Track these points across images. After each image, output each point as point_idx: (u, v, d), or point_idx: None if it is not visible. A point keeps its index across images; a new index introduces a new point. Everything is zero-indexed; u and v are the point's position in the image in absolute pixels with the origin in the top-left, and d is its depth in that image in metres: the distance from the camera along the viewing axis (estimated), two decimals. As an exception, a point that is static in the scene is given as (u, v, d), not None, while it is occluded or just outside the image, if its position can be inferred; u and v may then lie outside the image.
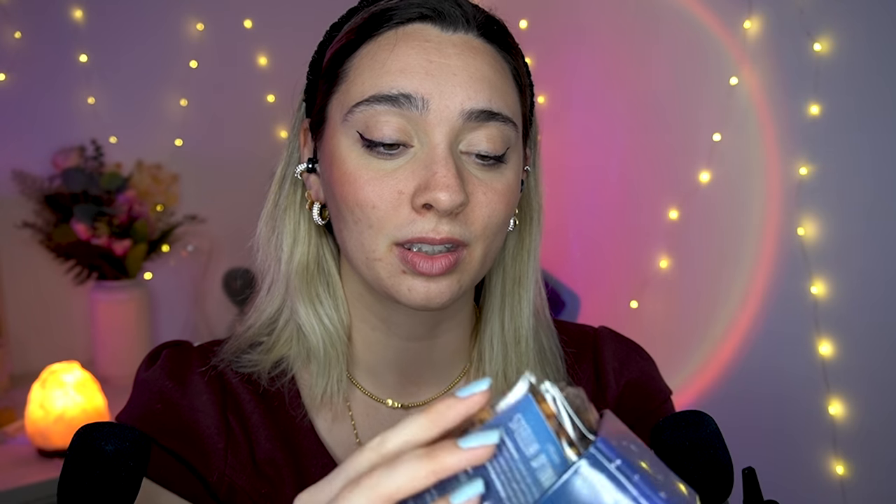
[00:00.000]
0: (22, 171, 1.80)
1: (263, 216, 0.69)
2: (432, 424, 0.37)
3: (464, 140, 0.59)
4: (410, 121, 0.58)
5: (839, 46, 1.34)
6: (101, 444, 0.51)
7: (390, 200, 0.58)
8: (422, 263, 0.57)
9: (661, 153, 1.72)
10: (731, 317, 1.57)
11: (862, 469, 1.35)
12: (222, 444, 0.65)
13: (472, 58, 0.59)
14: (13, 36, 1.84)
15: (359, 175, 0.58)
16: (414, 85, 0.57)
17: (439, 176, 0.56)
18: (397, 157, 0.58)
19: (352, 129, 0.59)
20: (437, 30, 0.60)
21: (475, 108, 0.58)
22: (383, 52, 0.59)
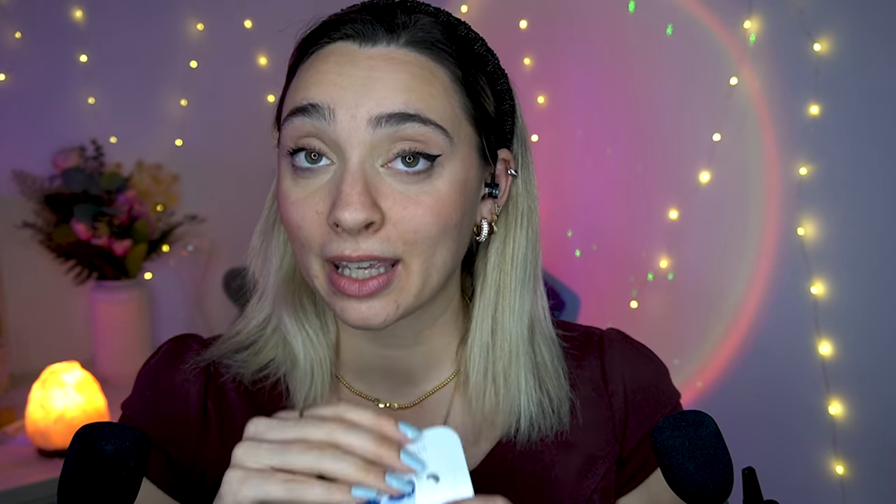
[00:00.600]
0: (22, 171, 1.80)
1: (257, 231, 0.71)
2: (380, 429, 0.47)
3: (381, 153, 0.57)
4: (325, 134, 0.57)
5: (839, 46, 1.34)
6: (101, 444, 0.51)
7: (311, 220, 0.58)
8: (348, 286, 0.58)
9: (661, 153, 1.72)
10: (730, 317, 1.57)
11: (862, 469, 1.35)
12: (196, 430, 0.68)
13: (389, 67, 0.58)
14: (13, 36, 1.85)
15: (288, 196, 0.60)
16: (321, 95, 0.57)
17: (343, 194, 0.55)
18: (319, 176, 0.59)
19: (283, 150, 0.61)
20: (356, 46, 0.59)
21: (384, 113, 0.56)
22: (305, 72, 0.60)
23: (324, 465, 0.45)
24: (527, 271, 0.67)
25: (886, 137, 1.29)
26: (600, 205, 1.90)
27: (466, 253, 0.66)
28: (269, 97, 2.22)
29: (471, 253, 0.69)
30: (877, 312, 1.32)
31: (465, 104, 0.61)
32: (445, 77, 0.60)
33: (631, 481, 0.70)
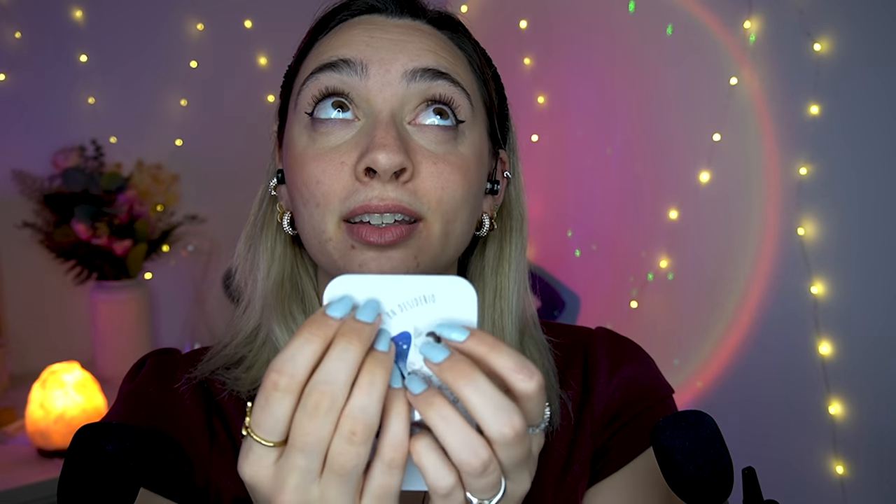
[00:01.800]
0: (22, 171, 1.80)
1: (243, 236, 0.69)
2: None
3: (410, 108, 0.58)
4: (353, 90, 0.57)
5: (839, 46, 1.34)
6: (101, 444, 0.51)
7: (333, 173, 0.57)
8: (369, 234, 0.55)
9: (661, 153, 1.72)
10: (730, 317, 1.57)
11: (862, 469, 1.35)
12: (206, 449, 0.65)
13: (418, 35, 0.59)
14: (13, 36, 1.85)
15: (305, 154, 0.58)
16: (353, 52, 0.58)
17: (377, 138, 0.55)
18: (343, 130, 0.58)
19: (300, 113, 0.59)
20: (384, 17, 0.61)
21: (418, 67, 0.57)
22: (330, 40, 0.60)
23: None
24: (519, 274, 0.68)
25: (886, 137, 1.29)
26: (600, 204, 1.90)
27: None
28: (269, 97, 2.22)
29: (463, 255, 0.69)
30: (877, 312, 1.32)
31: (481, 88, 0.62)
32: (465, 59, 0.62)
33: (610, 465, 0.69)
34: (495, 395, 0.41)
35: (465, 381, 0.41)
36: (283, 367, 0.41)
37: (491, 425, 0.40)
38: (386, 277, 0.44)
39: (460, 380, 0.41)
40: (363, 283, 0.44)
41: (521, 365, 0.42)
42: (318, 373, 0.41)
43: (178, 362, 0.69)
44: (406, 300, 0.44)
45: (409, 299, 0.44)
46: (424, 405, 0.41)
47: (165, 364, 0.69)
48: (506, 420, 0.40)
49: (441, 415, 0.41)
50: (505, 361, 0.42)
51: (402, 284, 0.44)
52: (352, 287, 0.44)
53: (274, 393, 0.40)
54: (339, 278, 0.44)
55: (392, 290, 0.44)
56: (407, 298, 0.44)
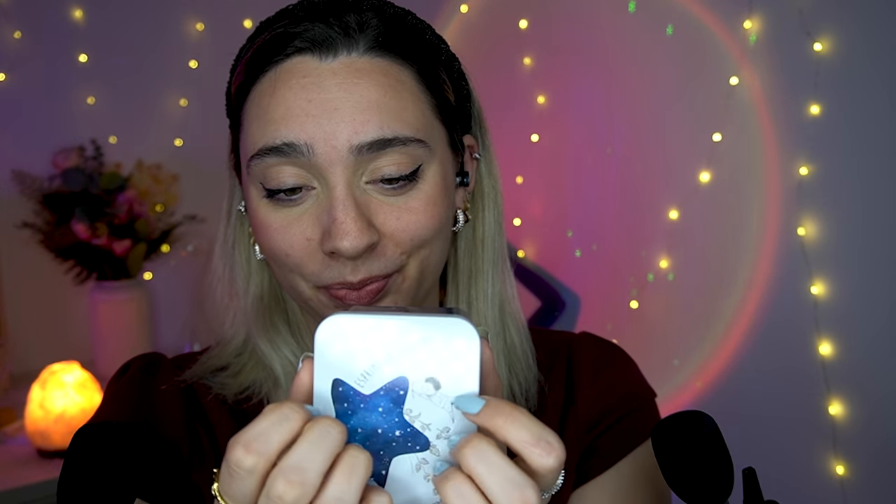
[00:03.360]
0: (22, 171, 1.80)
1: (217, 251, 0.68)
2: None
3: (365, 171, 0.56)
4: (304, 166, 0.55)
5: (839, 46, 1.34)
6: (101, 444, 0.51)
7: (301, 248, 0.56)
8: (348, 296, 0.57)
9: (661, 153, 1.72)
10: (730, 317, 1.57)
11: (862, 469, 1.35)
12: (186, 451, 0.64)
13: (356, 83, 0.55)
14: (13, 36, 1.85)
15: (268, 225, 0.57)
16: (295, 132, 0.54)
17: (338, 222, 0.54)
18: (302, 202, 0.56)
19: (255, 181, 0.58)
20: (316, 60, 0.56)
21: (364, 142, 0.54)
22: (264, 97, 0.56)
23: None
24: (496, 253, 0.67)
25: (886, 137, 1.29)
26: (600, 204, 1.90)
27: None
28: (269, 97, 2.22)
29: None
30: (877, 312, 1.32)
31: (432, 102, 0.59)
32: (410, 79, 0.58)
33: (595, 467, 0.69)
34: (505, 467, 0.38)
35: (472, 452, 0.39)
36: (251, 443, 0.37)
37: (500, 500, 0.38)
38: (382, 318, 0.41)
39: (468, 451, 0.39)
40: (358, 325, 0.41)
41: (538, 437, 0.39)
42: (289, 456, 0.37)
43: (162, 365, 0.69)
44: (404, 343, 0.41)
45: (406, 342, 0.41)
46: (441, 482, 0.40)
47: (149, 367, 0.68)
48: (517, 496, 0.38)
49: (457, 490, 0.39)
50: (522, 434, 0.39)
51: (399, 326, 0.41)
52: (346, 329, 0.41)
53: (238, 471, 0.37)
54: (332, 319, 0.41)
55: (390, 332, 0.41)
56: (405, 341, 0.41)
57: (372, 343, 0.41)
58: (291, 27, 0.57)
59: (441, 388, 0.41)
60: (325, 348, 0.41)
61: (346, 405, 0.41)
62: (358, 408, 0.41)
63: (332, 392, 0.41)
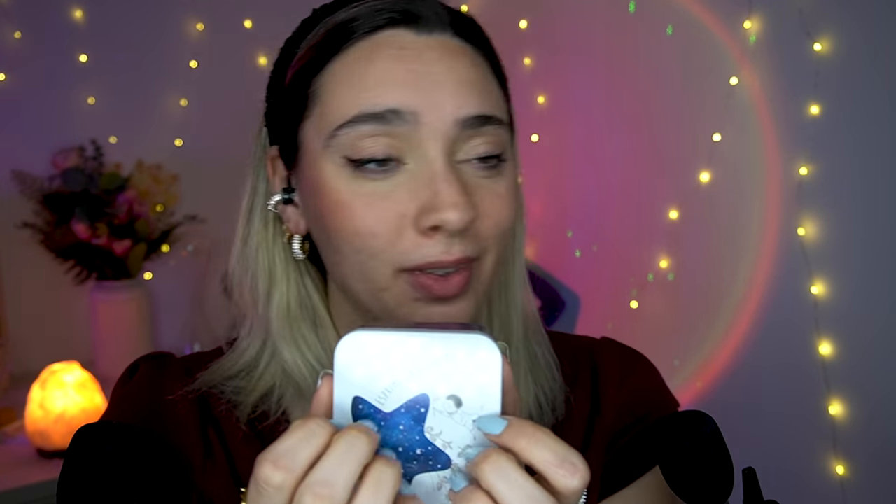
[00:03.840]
0: (22, 171, 1.80)
1: (234, 254, 0.64)
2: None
3: (460, 149, 0.54)
4: (401, 138, 0.53)
5: (839, 46, 1.34)
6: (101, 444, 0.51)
7: (392, 226, 0.53)
8: (437, 287, 0.53)
9: (661, 153, 1.72)
10: (730, 317, 1.57)
11: (862, 469, 1.35)
12: (200, 460, 0.61)
13: (454, 61, 0.54)
14: (13, 36, 1.84)
15: (352, 202, 0.53)
16: (399, 98, 0.52)
17: (444, 194, 0.51)
18: (391, 176, 0.53)
19: (336, 155, 0.54)
20: (412, 34, 0.55)
21: (469, 115, 0.53)
22: (358, 65, 0.54)
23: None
24: (523, 267, 0.66)
25: (887, 137, 1.29)
26: (600, 205, 1.90)
27: None
28: (269, 97, 2.22)
29: None
30: (877, 312, 1.32)
31: (503, 95, 0.59)
32: (488, 68, 0.58)
33: (621, 478, 0.68)
34: (525, 485, 0.38)
35: (491, 469, 0.38)
36: (279, 459, 0.37)
37: None
38: (403, 335, 0.40)
39: (487, 468, 0.38)
40: (378, 342, 0.40)
41: (562, 458, 0.38)
42: (317, 471, 0.37)
43: (172, 368, 0.65)
44: (424, 360, 0.40)
45: (427, 359, 0.40)
46: (461, 501, 0.39)
47: (159, 369, 0.65)
48: None
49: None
50: (545, 455, 0.38)
51: (420, 343, 0.40)
52: (366, 346, 0.40)
53: (267, 488, 0.37)
54: (351, 336, 0.40)
55: (410, 349, 0.40)
56: (426, 358, 0.40)
57: (393, 360, 0.40)
58: (379, 3, 0.56)
59: (463, 405, 0.40)
60: (345, 365, 0.40)
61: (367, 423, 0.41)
62: (378, 426, 0.41)
63: (352, 409, 0.41)
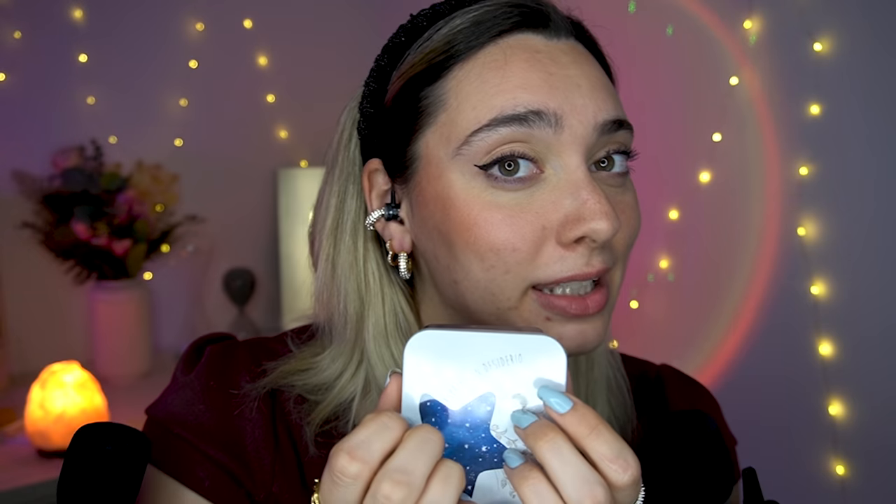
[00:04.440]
0: (22, 171, 1.80)
1: (320, 276, 0.61)
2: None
3: (594, 155, 0.53)
4: (541, 143, 0.50)
5: (839, 46, 1.34)
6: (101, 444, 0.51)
7: (533, 239, 0.50)
8: (574, 306, 0.51)
9: (661, 153, 1.72)
10: (731, 317, 1.57)
11: (862, 469, 1.35)
12: (269, 459, 0.58)
13: (586, 65, 0.53)
14: (13, 36, 1.84)
15: (489, 215, 0.50)
16: (541, 100, 0.50)
17: (592, 203, 0.49)
18: (530, 186, 0.51)
19: (467, 164, 0.51)
20: (542, 38, 0.53)
21: (607, 119, 0.52)
22: (490, 70, 0.51)
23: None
24: None
25: (887, 137, 1.29)
26: (600, 205, 1.90)
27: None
28: (269, 97, 2.22)
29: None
30: (877, 312, 1.32)
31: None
32: (610, 80, 0.57)
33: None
34: (578, 464, 0.39)
35: (547, 446, 0.39)
36: (354, 450, 0.38)
37: (571, 496, 0.38)
38: (471, 334, 0.41)
39: (543, 444, 0.39)
40: (447, 340, 0.41)
41: (617, 453, 0.39)
42: (394, 460, 0.38)
43: (239, 356, 0.62)
44: (491, 358, 0.41)
45: (494, 357, 0.41)
46: (519, 478, 0.40)
47: (228, 356, 0.62)
48: (587, 491, 0.38)
49: (535, 489, 0.39)
50: (603, 448, 0.39)
51: (488, 342, 0.41)
52: (435, 343, 0.41)
53: (343, 478, 0.38)
54: (421, 334, 0.41)
55: (477, 348, 0.41)
56: (492, 357, 0.41)
57: (460, 358, 0.41)
58: (498, 5, 0.54)
59: (528, 404, 0.41)
60: (414, 363, 0.41)
61: (434, 420, 0.42)
62: (445, 423, 0.42)
63: (420, 406, 0.42)
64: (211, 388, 0.60)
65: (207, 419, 0.58)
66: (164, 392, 0.62)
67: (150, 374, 1.91)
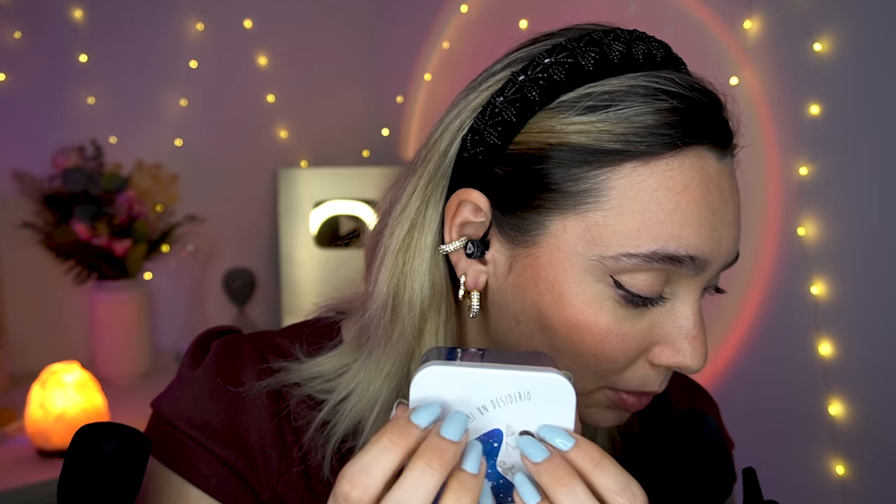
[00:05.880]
0: (22, 171, 1.80)
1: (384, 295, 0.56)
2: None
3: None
4: (678, 276, 0.51)
5: (839, 46, 1.34)
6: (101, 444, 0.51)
7: (632, 356, 0.52)
8: (633, 402, 0.54)
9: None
10: (730, 317, 1.57)
11: (862, 469, 1.35)
12: (275, 458, 0.58)
13: (737, 195, 0.53)
14: (13, 36, 1.84)
15: (604, 325, 0.50)
16: (701, 246, 0.49)
17: (697, 343, 0.51)
18: (650, 311, 0.51)
19: (603, 274, 0.49)
20: (715, 157, 0.51)
21: (732, 260, 0.53)
22: (666, 191, 0.48)
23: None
24: None
25: (887, 137, 1.29)
26: (600, 205, 1.90)
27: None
28: (269, 97, 2.22)
29: None
30: (877, 312, 1.32)
31: None
32: None
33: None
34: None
35: (563, 489, 0.38)
36: (355, 477, 0.38)
37: None
38: (480, 372, 0.41)
39: (557, 485, 0.38)
40: (455, 377, 0.41)
41: (623, 486, 0.39)
42: (392, 494, 0.38)
43: (245, 351, 0.61)
44: (500, 396, 0.41)
45: (503, 395, 0.41)
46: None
47: (235, 351, 0.61)
48: None
49: None
50: (608, 482, 0.39)
51: (496, 380, 0.41)
52: (443, 380, 0.41)
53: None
54: (428, 369, 0.41)
55: (486, 385, 0.41)
56: (501, 394, 0.41)
57: (468, 394, 0.41)
58: (686, 106, 0.50)
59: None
60: (421, 397, 0.41)
61: None
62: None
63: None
64: (217, 385, 0.59)
65: (213, 417, 0.58)
66: (170, 386, 0.62)
67: (150, 374, 1.91)
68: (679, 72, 0.54)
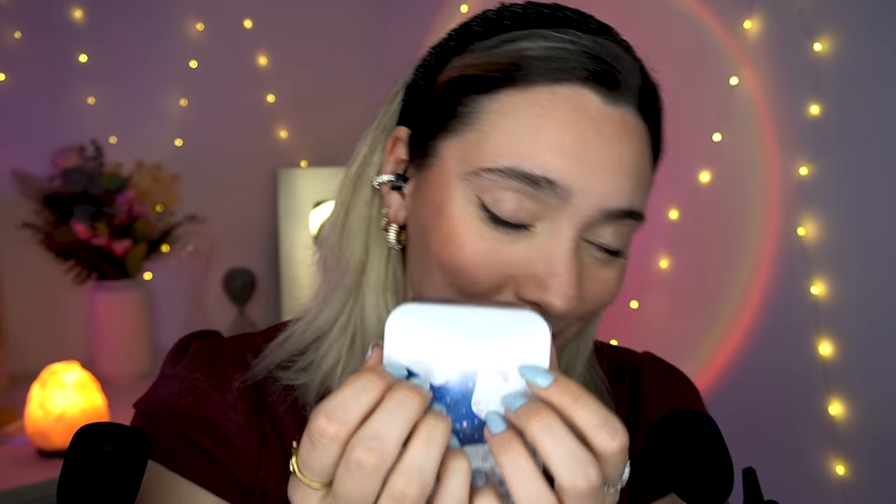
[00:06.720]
0: (22, 171, 1.80)
1: (333, 223, 0.62)
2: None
3: (589, 231, 0.52)
4: (542, 205, 0.50)
5: (839, 46, 1.34)
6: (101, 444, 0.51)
7: (495, 282, 0.52)
8: None
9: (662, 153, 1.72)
10: (731, 317, 1.57)
11: (862, 469, 1.35)
12: (255, 445, 0.61)
13: (625, 144, 0.51)
14: (13, 36, 1.84)
15: (469, 241, 0.51)
16: (561, 171, 0.49)
17: (560, 281, 0.50)
18: (515, 234, 0.51)
19: (471, 193, 0.52)
20: (598, 100, 0.51)
21: (616, 209, 0.51)
22: (533, 113, 0.50)
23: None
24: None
25: (887, 137, 1.29)
26: (600, 205, 1.90)
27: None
28: (269, 97, 2.22)
29: None
30: (877, 312, 1.32)
31: (651, 176, 0.57)
32: (649, 150, 0.55)
33: (652, 494, 0.68)
34: (571, 443, 0.38)
35: (539, 426, 0.38)
36: (332, 412, 0.38)
37: (563, 475, 0.38)
38: (455, 309, 0.41)
39: (535, 423, 0.38)
40: (429, 314, 0.41)
41: (603, 420, 0.39)
42: (367, 425, 0.37)
43: (224, 350, 0.64)
44: (474, 333, 0.41)
45: (477, 333, 0.41)
46: (498, 447, 0.39)
47: (214, 349, 0.64)
48: (580, 471, 0.38)
49: (514, 462, 0.38)
50: (588, 416, 0.39)
51: (471, 317, 0.41)
52: (417, 318, 0.41)
53: (321, 440, 0.38)
54: (402, 308, 0.41)
55: (460, 323, 0.41)
56: (475, 332, 0.41)
57: (442, 334, 0.41)
58: (576, 48, 0.52)
59: (510, 380, 0.41)
60: (396, 336, 0.41)
61: None
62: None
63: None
64: (198, 380, 0.62)
65: (193, 408, 0.60)
66: (152, 386, 0.64)
67: (151, 374, 1.91)
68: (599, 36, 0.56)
